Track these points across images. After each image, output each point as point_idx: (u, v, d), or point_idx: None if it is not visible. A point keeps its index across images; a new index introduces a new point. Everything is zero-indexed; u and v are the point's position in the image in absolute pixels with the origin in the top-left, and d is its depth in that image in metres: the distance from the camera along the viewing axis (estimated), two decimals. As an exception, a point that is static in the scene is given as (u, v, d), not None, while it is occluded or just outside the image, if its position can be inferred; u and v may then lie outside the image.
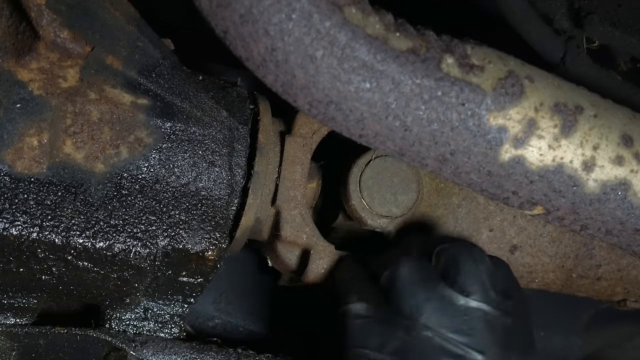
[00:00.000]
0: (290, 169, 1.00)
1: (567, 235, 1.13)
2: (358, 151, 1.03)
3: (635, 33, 1.08)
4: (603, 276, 1.18)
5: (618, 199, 0.78)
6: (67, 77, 0.85)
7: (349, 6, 0.68)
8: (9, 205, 0.84)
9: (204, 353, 0.97)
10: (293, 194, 1.00)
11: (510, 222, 1.12)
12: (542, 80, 0.76)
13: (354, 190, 1.02)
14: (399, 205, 1.03)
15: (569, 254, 1.15)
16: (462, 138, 0.73)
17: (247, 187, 0.96)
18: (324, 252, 1.01)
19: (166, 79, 0.91)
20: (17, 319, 0.95)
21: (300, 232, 1.01)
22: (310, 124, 1.01)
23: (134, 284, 0.93)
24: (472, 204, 1.10)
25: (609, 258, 1.16)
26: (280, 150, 1.01)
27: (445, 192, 1.09)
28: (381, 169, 1.03)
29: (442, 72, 0.71)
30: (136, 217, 0.90)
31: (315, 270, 1.01)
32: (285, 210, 1.00)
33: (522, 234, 1.13)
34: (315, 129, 1.02)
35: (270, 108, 1.01)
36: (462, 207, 1.10)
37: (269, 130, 0.99)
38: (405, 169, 1.03)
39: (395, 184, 1.03)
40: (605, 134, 0.77)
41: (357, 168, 1.02)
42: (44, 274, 0.89)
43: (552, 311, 1.47)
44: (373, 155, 1.02)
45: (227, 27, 0.67)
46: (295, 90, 0.70)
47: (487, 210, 1.11)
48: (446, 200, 1.09)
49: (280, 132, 1.02)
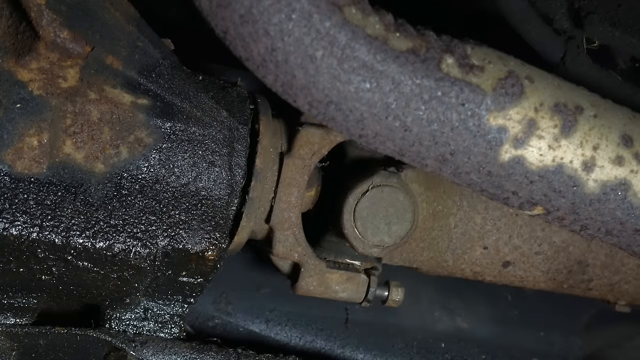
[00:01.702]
0: (287, 191, 1.00)
1: (562, 254, 1.14)
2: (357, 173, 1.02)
3: (635, 33, 1.08)
4: (594, 288, 1.20)
5: (618, 199, 0.78)
6: (67, 77, 0.85)
7: (349, 6, 0.68)
8: (9, 205, 0.84)
9: (204, 353, 0.97)
10: (287, 215, 1.01)
11: (505, 241, 1.12)
12: (542, 80, 0.76)
13: (348, 220, 1.01)
14: (392, 235, 1.03)
15: (561, 270, 1.16)
16: (462, 138, 0.73)
17: (247, 189, 0.96)
18: (314, 270, 1.04)
19: (166, 79, 0.91)
20: (17, 319, 0.95)
21: (292, 251, 1.03)
22: (310, 144, 0.99)
23: (134, 284, 0.93)
24: (469, 224, 1.10)
25: (601, 274, 1.18)
26: (278, 170, 1.00)
27: (443, 214, 1.09)
28: (377, 199, 1.01)
29: (442, 72, 0.71)
30: (136, 217, 0.90)
31: (305, 287, 1.04)
32: (279, 230, 1.02)
33: (516, 252, 1.14)
34: (315, 149, 1.00)
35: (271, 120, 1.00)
36: (458, 228, 1.10)
37: (267, 153, 0.98)
38: (402, 199, 1.02)
39: (390, 214, 1.02)
40: (605, 134, 0.77)
41: (352, 198, 1.01)
42: (44, 274, 0.89)
43: (552, 311, 1.47)
44: (370, 185, 1.01)
45: (227, 27, 0.67)
46: (295, 90, 0.70)
47: (483, 230, 1.11)
48: (442, 221, 1.09)
49: (280, 153, 1.00)
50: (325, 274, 1.04)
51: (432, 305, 1.41)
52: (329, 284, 1.05)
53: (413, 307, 1.40)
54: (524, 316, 1.45)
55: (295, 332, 1.34)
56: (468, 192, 1.09)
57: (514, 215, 1.11)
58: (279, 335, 1.34)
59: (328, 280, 1.05)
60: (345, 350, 1.34)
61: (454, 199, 1.09)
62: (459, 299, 1.43)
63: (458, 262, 1.14)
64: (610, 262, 1.17)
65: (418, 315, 1.39)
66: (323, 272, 1.04)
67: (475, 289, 1.41)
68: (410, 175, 1.05)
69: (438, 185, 1.08)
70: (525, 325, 1.45)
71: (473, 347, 1.40)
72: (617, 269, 1.17)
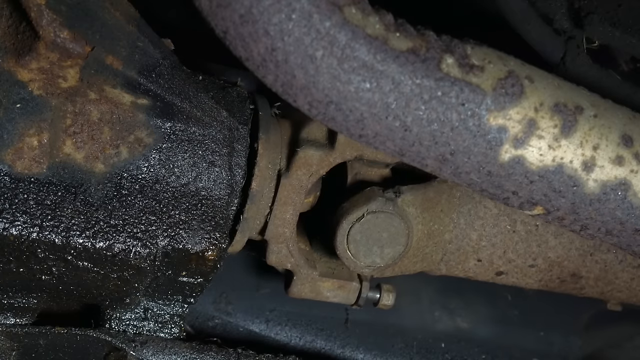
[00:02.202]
0: (282, 209, 1.00)
1: (556, 268, 1.15)
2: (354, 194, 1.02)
3: (635, 33, 1.08)
4: (586, 293, 1.21)
5: (618, 199, 0.78)
6: (67, 77, 0.85)
7: (349, 6, 0.68)
8: (9, 205, 0.84)
9: (204, 353, 0.97)
10: (282, 231, 1.02)
11: (499, 255, 1.13)
12: (542, 80, 0.76)
13: (341, 242, 1.01)
14: (384, 257, 1.03)
15: (554, 280, 1.18)
16: (462, 138, 0.73)
17: (247, 188, 0.96)
18: (306, 279, 1.05)
19: (166, 79, 0.91)
20: (17, 319, 0.95)
21: (285, 262, 1.04)
22: (308, 165, 0.98)
23: (134, 284, 0.93)
24: (464, 240, 1.10)
25: (594, 285, 1.19)
26: (275, 187, 0.99)
27: (438, 232, 1.08)
28: (372, 224, 1.01)
29: (442, 72, 0.71)
30: (136, 217, 0.90)
31: (297, 294, 1.07)
32: (273, 243, 1.03)
33: (510, 264, 1.14)
34: (313, 170, 0.99)
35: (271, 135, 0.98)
36: (453, 243, 1.10)
37: (265, 174, 0.97)
38: (397, 225, 1.01)
39: (384, 238, 1.02)
40: (605, 134, 0.77)
41: (346, 223, 1.00)
42: (44, 274, 0.89)
43: (552, 311, 1.47)
44: (365, 212, 1.00)
45: (227, 27, 0.67)
46: (295, 90, 0.70)
47: (479, 245, 1.11)
48: (437, 238, 1.09)
49: (278, 172, 0.99)
50: (317, 282, 1.06)
51: (432, 305, 1.41)
52: (320, 291, 1.07)
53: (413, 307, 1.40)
54: (524, 316, 1.45)
55: (295, 332, 1.34)
56: (466, 210, 1.08)
57: (511, 232, 1.11)
58: (279, 335, 1.34)
59: (319, 288, 1.07)
60: (345, 350, 1.34)
61: (452, 216, 1.08)
62: (459, 299, 1.43)
63: (451, 271, 1.15)
64: (604, 276, 1.17)
65: (418, 315, 1.39)
66: (315, 280, 1.05)
67: (475, 289, 1.41)
68: (407, 199, 1.03)
69: (436, 205, 1.07)
70: (525, 325, 1.45)
71: (473, 347, 1.40)
72: (610, 281, 1.18)
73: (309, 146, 0.98)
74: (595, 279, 1.17)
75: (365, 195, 1.01)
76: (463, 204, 1.08)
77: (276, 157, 0.99)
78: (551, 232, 1.12)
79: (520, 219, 1.10)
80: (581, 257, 1.14)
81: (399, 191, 1.02)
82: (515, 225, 1.10)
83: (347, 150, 0.98)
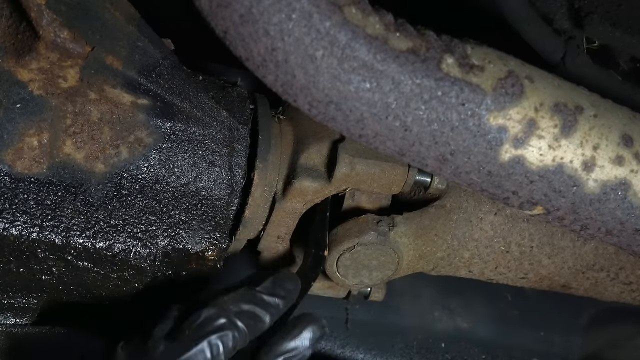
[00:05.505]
0: (275, 228, 1.01)
1: (546, 281, 1.16)
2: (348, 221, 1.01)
3: (635, 33, 1.08)
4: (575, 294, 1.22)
5: (618, 199, 0.78)
6: (67, 77, 0.85)
7: (349, 6, 0.68)
8: (9, 205, 0.84)
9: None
10: (274, 245, 1.04)
11: (491, 269, 1.13)
12: (542, 80, 0.76)
13: (330, 266, 1.02)
14: (372, 279, 1.04)
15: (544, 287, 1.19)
16: (462, 138, 0.73)
17: (247, 189, 0.96)
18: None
19: (166, 79, 0.91)
20: (17, 319, 0.95)
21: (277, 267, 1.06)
22: (303, 195, 0.97)
23: (134, 284, 0.93)
24: (456, 259, 1.10)
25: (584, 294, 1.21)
26: (270, 208, 0.99)
27: (431, 253, 1.07)
28: (362, 254, 1.00)
29: (442, 72, 0.71)
30: (136, 217, 0.90)
31: None
32: (266, 254, 1.05)
33: (501, 276, 1.15)
34: (308, 200, 0.98)
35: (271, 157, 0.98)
36: (444, 260, 1.10)
37: (258, 204, 0.97)
38: (387, 254, 1.01)
39: (373, 265, 1.02)
40: (605, 134, 0.77)
41: (336, 252, 1.00)
42: (44, 274, 0.89)
43: (552, 311, 1.47)
44: (355, 244, 0.99)
45: (227, 27, 0.67)
46: (295, 90, 0.70)
47: (471, 262, 1.11)
48: (429, 258, 1.08)
49: (273, 196, 0.99)
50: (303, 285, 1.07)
51: (432, 305, 1.41)
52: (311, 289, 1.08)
53: (413, 307, 1.40)
54: (524, 316, 1.45)
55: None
56: (460, 233, 1.07)
57: (505, 252, 1.10)
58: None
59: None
60: (345, 350, 1.34)
61: (445, 238, 1.07)
62: (459, 299, 1.42)
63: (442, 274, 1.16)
64: (594, 288, 1.18)
65: (418, 315, 1.39)
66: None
67: (475, 289, 1.41)
68: (400, 231, 1.01)
69: (430, 230, 1.05)
70: (525, 325, 1.44)
71: (473, 347, 1.40)
72: (599, 292, 1.20)
73: (306, 177, 0.96)
74: (585, 291, 1.19)
75: (359, 225, 0.99)
76: (459, 227, 1.07)
77: (273, 178, 0.98)
78: (545, 254, 1.11)
79: (516, 240, 1.09)
80: (573, 275, 1.15)
81: (393, 223, 1.00)
82: (510, 247, 1.10)
83: (344, 184, 0.98)
